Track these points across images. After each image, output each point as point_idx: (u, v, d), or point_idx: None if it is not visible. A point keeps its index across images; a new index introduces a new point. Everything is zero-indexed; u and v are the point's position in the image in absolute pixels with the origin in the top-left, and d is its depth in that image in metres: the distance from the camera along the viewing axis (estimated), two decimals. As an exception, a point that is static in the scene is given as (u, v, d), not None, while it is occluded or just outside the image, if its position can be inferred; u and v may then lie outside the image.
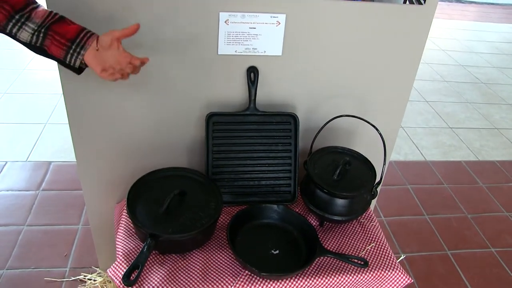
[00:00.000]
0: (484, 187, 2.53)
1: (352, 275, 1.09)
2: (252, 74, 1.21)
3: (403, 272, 1.13)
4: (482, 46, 4.90)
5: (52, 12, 0.89)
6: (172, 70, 1.17)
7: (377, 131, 1.18)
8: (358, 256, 1.14)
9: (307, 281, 1.07)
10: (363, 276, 1.10)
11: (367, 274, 1.10)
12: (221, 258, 1.11)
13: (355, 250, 1.19)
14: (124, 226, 1.19)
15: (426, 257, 1.99)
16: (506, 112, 3.45)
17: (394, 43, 1.24)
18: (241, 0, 1.09)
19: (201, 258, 1.11)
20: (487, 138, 3.05)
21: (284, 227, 1.20)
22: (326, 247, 1.17)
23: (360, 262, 1.08)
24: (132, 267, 0.98)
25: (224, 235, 1.18)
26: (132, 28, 0.94)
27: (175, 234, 1.05)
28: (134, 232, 1.16)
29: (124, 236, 1.15)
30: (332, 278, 1.08)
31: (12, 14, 0.85)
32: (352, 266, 1.10)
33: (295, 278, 1.06)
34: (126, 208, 1.09)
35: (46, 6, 0.99)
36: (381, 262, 1.14)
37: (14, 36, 0.88)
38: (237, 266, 1.09)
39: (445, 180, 2.54)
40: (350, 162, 1.19)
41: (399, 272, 1.13)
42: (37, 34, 0.88)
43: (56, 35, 0.89)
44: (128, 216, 1.13)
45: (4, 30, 0.86)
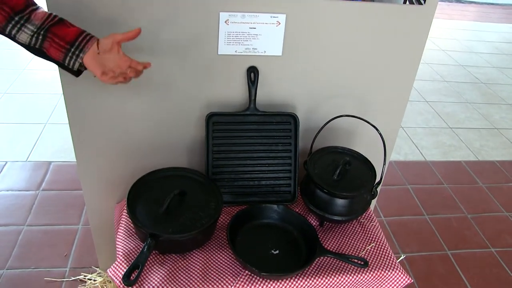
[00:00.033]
0: (484, 187, 2.53)
1: (352, 275, 1.09)
2: (252, 74, 1.21)
3: (403, 272, 1.14)
4: (482, 46, 4.91)
5: (51, 14, 0.89)
6: (172, 70, 1.17)
7: (377, 131, 1.18)
8: (358, 256, 1.14)
9: (307, 281, 1.07)
10: (363, 276, 1.10)
11: (367, 274, 1.11)
12: (221, 258, 1.12)
13: (355, 250, 1.19)
14: (124, 226, 1.19)
15: (426, 257, 1.99)
16: (506, 112, 3.45)
17: (394, 43, 1.24)
18: (241, 0, 1.09)
19: (201, 258, 1.11)
20: (487, 138, 3.05)
21: (284, 227, 1.20)
22: (326, 247, 1.17)
23: (360, 262, 1.08)
24: (132, 267, 0.98)
25: (224, 235, 1.18)
26: (133, 32, 0.95)
27: (175, 234, 1.05)
28: (134, 232, 1.16)
29: (124, 236, 1.15)
30: (332, 278, 1.09)
31: (12, 15, 0.85)
32: (352, 266, 1.11)
33: (295, 278, 1.06)
34: (126, 208, 1.09)
35: (47, 9, 0.99)
36: (381, 262, 1.14)
37: (13, 38, 0.87)
38: (237, 266, 1.09)
39: (445, 180, 2.54)
40: (350, 162, 1.19)
41: (399, 272, 1.13)
42: (36, 36, 0.87)
43: (55, 38, 0.88)
44: (128, 216, 1.13)
45: (3, 31, 0.86)
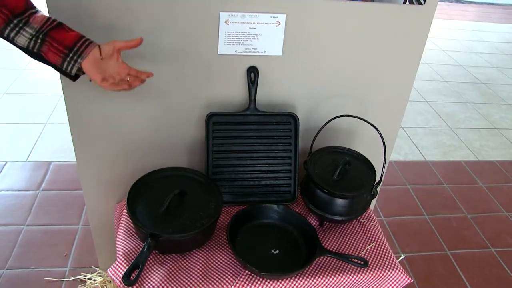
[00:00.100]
0: (484, 187, 2.53)
1: (352, 275, 1.09)
2: (252, 74, 1.21)
3: (403, 272, 1.14)
4: (481, 46, 4.91)
5: (50, 18, 0.89)
6: (172, 70, 1.17)
7: (377, 131, 1.18)
8: (358, 256, 1.14)
9: (307, 281, 1.07)
10: (363, 276, 1.10)
11: (367, 274, 1.11)
12: (221, 258, 1.12)
13: (355, 250, 1.19)
14: (124, 226, 1.19)
15: (426, 257, 1.99)
16: (505, 112, 3.45)
17: (394, 43, 1.24)
18: (241, 0, 1.10)
19: (201, 258, 1.11)
20: (487, 138, 3.06)
21: (284, 227, 1.20)
22: (326, 247, 1.17)
23: (360, 262, 1.08)
24: (132, 267, 0.99)
25: (224, 235, 1.18)
26: (135, 41, 0.97)
27: (175, 234, 1.05)
28: (134, 232, 1.16)
29: (124, 236, 1.15)
30: (332, 278, 1.09)
31: (11, 18, 0.84)
32: (352, 266, 1.11)
33: (295, 278, 1.06)
34: (126, 208, 1.09)
35: (47, 12, 0.99)
36: (381, 262, 1.14)
37: (12, 41, 0.87)
38: (237, 266, 1.09)
39: (445, 180, 2.54)
40: (350, 162, 1.19)
41: (399, 272, 1.13)
42: (34, 39, 0.87)
43: (53, 42, 0.88)
44: (128, 216, 1.13)
45: (1, 34, 0.86)
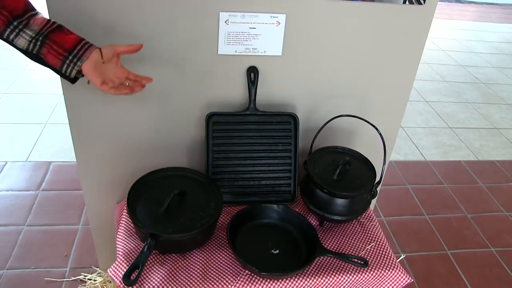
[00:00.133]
0: (484, 187, 2.53)
1: (352, 274, 1.09)
2: (252, 74, 1.21)
3: (403, 272, 1.14)
4: (481, 46, 4.91)
5: (50, 21, 0.89)
6: (172, 70, 1.17)
7: (377, 131, 1.18)
8: (358, 255, 1.14)
9: (307, 280, 1.07)
10: (363, 276, 1.10)
11: (367, 273, 1.11)
12: (221, 258, 1.12)
13: (355, 249, 1.19)
14: (124, 226, 1.19)
15: (426, 256, 1.99)
16: (505, 112, 3.46)
17: (394, 43, 1.24)
18: (241, 0, 1.10)
19: (201, 258, 1.11)
20: (487, 138, 3.06)
21: (284, 227, 1.20)
22: (326, 246, 1.17)
23: (360, 262, 1.09)
24: (132, 267, 0.99)
25: (224, 235, 1.18)
26: (135, 46, 0.98)
27: (175, 234, 1.05)
28: (134, 232, 1.16)
29: (124, 236, 1.16)
30: (332, 277, 1.09)
31: (11, 20, 0.84)
32: (352, 265, 1.11)
33: (295, 278, 1.06)
34: (126, 208, 1.09)
35: (48, 14, 0.99)
36: (381, 262, 1.14)
37: (11, 42, 0.87)
38: (237, 266, 1.09)
39: (445, 180, 2.54)
40: (350, 162, 1.19)
41: (399, 271, 1.13)
42: (34, 41, 0.87)
43: (53, 44, 0.88)
44: (128, 216, 1.13)
45: (1, 35, 0.86)
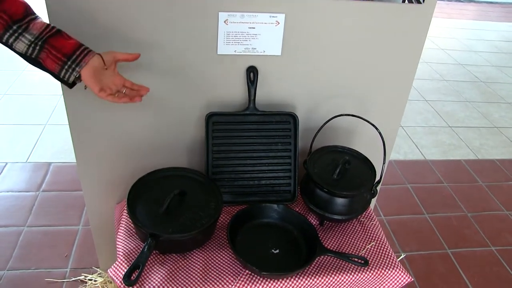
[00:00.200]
0: (484, 185, 2.53)
1: (352, 274, 1.10)
2: (251, 74, 1.21)
3: (403, 271, 1.14)
4: (481, 45, 4.91)
5: (49, 25, 0.89)
6: (171, 70, 1.17)
7: (376, 130, 1.18)
8: (358, 255, 1.14)
9: (308, 280, 1.07)
10: (363, 275, 1.10)
11: (367, 273, 1.11)
12: (221, 257, 1.12)
13: (355, 249, 1.19)
14: (124, 226, 1.19)
15: (426, 256, 1.99)
16: (505, 111, 3.46)
17: (393, 43, 1.24)
18: (240, 0, 1.10)
19: (201, 257, 1.11)
20: (487, 137, 3.06)
21: (284, 226, 1.20)
22: (326, 246, 1.17)
23: (360, 261, 1.09)
24: (132, 267, 0.99)
25: (224, 234, 1.18)
26: (134, 55, 0.99)
27: (175, 234, 1.05)
28: (134, 232, 1.16)
29: (125, 236, 1.16)
30: (332, 277, 1.09)
31: (10, 24, 0.85)
32: (352, 265, 1.11)
33: (295, 277, 1.06)
34: (127, 208, 1.09)
35: (48, 19, 0.99)
36: (381, 261, 1.14)
37: (10, 46, 0.87)
38: (237, 265, 1.09)
39: (444, 179, 2.54)
40: (350, 161, 1.19)
41: (399, 271, 1.13)
42: (33, 46, 0.87)
43: (52, 49, 0.88)
44: (128, 216, 1.13)
45: (0, 39, 0.86)
